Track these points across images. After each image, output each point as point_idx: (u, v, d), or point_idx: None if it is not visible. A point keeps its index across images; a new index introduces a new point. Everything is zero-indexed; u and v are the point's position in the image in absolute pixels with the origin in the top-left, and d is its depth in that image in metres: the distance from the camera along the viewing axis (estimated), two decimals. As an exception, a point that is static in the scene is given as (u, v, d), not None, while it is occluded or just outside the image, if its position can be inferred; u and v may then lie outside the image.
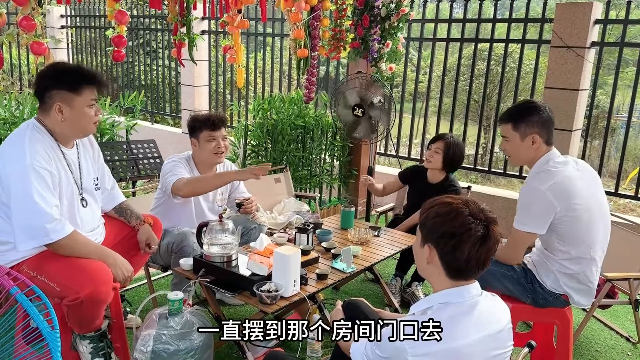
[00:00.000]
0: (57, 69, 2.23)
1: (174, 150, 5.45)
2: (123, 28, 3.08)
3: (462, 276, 1.49)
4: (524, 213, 2.22)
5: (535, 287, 2.28)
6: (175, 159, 2.91)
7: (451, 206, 1.49)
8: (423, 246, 1.53)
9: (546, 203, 2.16)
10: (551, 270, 2.26)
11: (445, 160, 3.30)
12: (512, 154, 2.35)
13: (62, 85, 2.15)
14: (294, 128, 4.38)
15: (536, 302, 2.29)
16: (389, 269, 3.67)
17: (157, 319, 2.08)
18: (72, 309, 2.11)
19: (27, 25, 2.71)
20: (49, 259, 2.14)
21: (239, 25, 3.68)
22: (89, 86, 2.20)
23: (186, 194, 2.77)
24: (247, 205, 3.03)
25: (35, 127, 2.18)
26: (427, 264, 1.52)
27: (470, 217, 1.45)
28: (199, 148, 2.92)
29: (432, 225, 1.50)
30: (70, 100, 2.16)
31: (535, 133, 2.25)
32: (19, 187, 2.03)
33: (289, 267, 2.25)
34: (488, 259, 1.48)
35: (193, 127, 2.91)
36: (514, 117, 2.29)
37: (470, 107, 5.26)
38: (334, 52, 4.48)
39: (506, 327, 1.54)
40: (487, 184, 9.57)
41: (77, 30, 8.70)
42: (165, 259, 2.83)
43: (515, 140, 2.29)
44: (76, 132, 2.27)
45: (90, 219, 2.38)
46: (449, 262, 1.47)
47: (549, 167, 2.23)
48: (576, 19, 4.04)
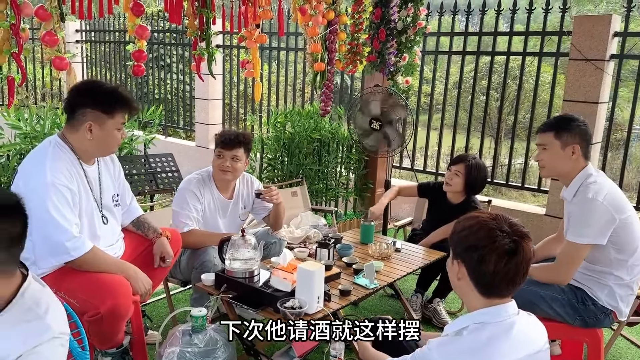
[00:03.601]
0: (95, 88, 2.23)
1: (189, 163, 5.46)
2: (143, 43, 3.09)
3: (494, 293, 1.45)
4: (581, 225, 2.18)
5: (587, 305, 2.24)
6: (190, 187, 2.85)
7: (477, 219, 1.47)
8: (453, 262, 1.51)
9: (606, 214, 2.15)
10: (606, 284, 2.24)
11: (466, 184, 3.19)
12: (548, 164, 2.32)
13: (98, 106, 2.15)
14: (310, 141, 4.36)
15: (586, 323, 2.24)
16: (408, 284, 3.62)
17: (181, 336, 2.05)
18: (92, 324, 2.09)
19: (50, 40, 2.72)
20: (68, 275, 2.13)
21: (257, 40, 3.69)
22: (122, 110, 2.21)
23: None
24: (267, 192, 2.92)
25: (57, 145, 2.18)
26: (457, 281, 1.50)
27: (495, 229, 1.42)
28: (214, 160, 2.91)
29: (458, 239, 1.48)
30: (103, 121, 2.17)
31: (576, 143, 2.25)
32: (40, 205, 2.03)
33: (313, 283, 2.21)
34: (518, 276, 1.43)
35: (215, 142, 2.92)
36: (557, 126, 2.28)
37: (486, 120, 5.23)
38: (350, 65, 4.47)
39: (544, 347, 1.50)
40: (499, 197, 9.49)
41: (92, 44, 8.80)
42: (185, 274, 2.80)
43: (555, 149, 2.27)
44: (100, 151, 2.28)
45: (110, 235, 2.37)
46: (477, 277, 1.44)
47: (594, 180, 2.23)
48: (595, 32, 4.01)
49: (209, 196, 2.91)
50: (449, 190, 3.27)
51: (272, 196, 2.92)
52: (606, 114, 4.28)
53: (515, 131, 4.89)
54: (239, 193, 3.04)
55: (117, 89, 2.25)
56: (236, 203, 3.03)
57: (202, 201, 2.88)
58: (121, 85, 2.33)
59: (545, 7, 4.30)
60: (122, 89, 2.29)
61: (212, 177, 2.95)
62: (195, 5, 3.21)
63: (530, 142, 4.88)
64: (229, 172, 2.86)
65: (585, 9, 17.08)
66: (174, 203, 2.88)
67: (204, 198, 2.88)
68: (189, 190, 2.84)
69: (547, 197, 4.41)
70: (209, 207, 2.92)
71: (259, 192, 2.94)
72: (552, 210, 4.34)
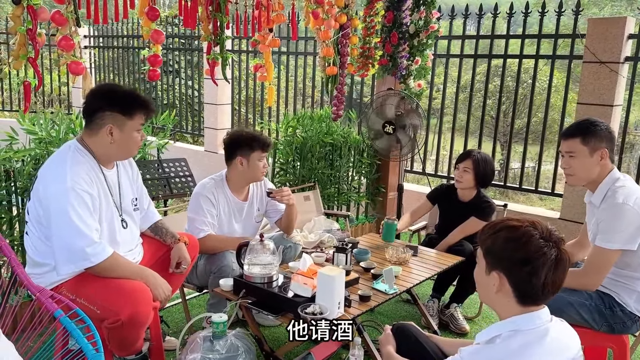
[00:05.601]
0: (112, 91, 2.24)
1: (198, 168, 5.44)
2: (159, 47, 3.08)
3: (534, 302, 1.42)
4: (611, 231, 2.13)
5: (615, 311, 2.19)
6: (203, 192, 2.83)
7: (521, 230, 1.42)
8: (489, 274, 1.45)
9: (636, 218, 2.11)
10: (634, 290, 2.20)
11: (476, 178, 3.23)
12: (577, 172, 2.26)
13: (116, 108, 2.15)
14: (322, 145, 4.34)
15: (613, 329, 2.20)
16: (424, 289, 3.58)
17: (202, 342, 2.03)
18: (112, 331, 2.07)
19: (66, 45, 2.71)
20: (87, 281, 2.12)
21: (270, 44, 3.68)
22: (141, 111, 2.20)
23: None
24: (278, 192, 2.92)
25: (77, 149, 2.17)
26: (495, 293, 1.44)
27: (542, 240, 1.39)
28: (246, 167, 2.87)
29: (501, 251, 1.42)
30: (122, 123, 2.16)
31: (604, 147, 2.20)
32: (60, 210, 2.02)
33: (334, 288, 2.19)
34: (562, 282, 1.41)
35: (248, 146, 2.84)
36: (583, 131, 2.22)
37: (498, 124, 5.20)
38: (362, 69, 4.46)
39: (578, 355, 1.47)
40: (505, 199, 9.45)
41: (100, 50, 8.82)
42: (202, 279, 2.78)
43: (584, 156, 2.22)
44: (122, 154, 2.28)
45: (129, 239, 2.35)
46: (523, 290, 1.40)
47: (622, 184, 2.19)
48: (609, 34, 3.98)
49: (223, 200, 2.90)
50: (461, 187, 3.30)
51: (283, 196, 2.92)
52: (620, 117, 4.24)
53: (528, 134, 4.84)
54: (253, 195, 3.03)
55: (134, 91, 2.27)
56: (251, 205, 3.02)
57: (217, 205, 2.87)
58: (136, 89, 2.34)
59: (558, 10, 4.27)
60: (138, 91, 2.29)
61: (226, 180, 2.94)
62: (209, 9, 3.19)
63: (543, 146, 4.85)
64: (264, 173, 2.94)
65: (590, 12, 17.07)
66: (189, 209, 2.87)
67: (218, 202, 2.87)
68: (202, 196, 2.83)
69: (562, 201, 4.37)
70: (224, 211, 2.91)
71: (270, 190, 2.95)
72: (566, 214, 4.30)
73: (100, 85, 2.38)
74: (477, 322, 3.27)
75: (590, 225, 2.31)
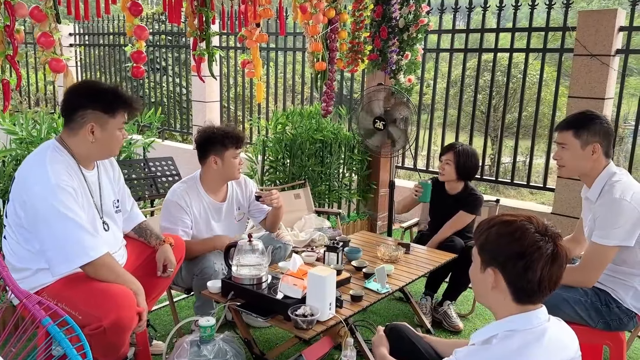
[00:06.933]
0: (94, 88, 2.14)
1: (186, 166, 5.35)
2: (142, 43, 2.99)
3: (530, 300, 1.38)
4: (608, 226, 2.10)
5: (611, 308, 2.16)
6: (174, 199, 2.72)
7: (515, 224, 1.38)
8: (484, 271, 1.41)
9: (634, 213, 2.07)
10: (631, 286, 2.17)
11: (457, 171, 3.22)
12: (568, 163, 2.24)
13: (98, 106, 2.06)
14: (312, 142, 4.28)
15: (609, 326, 2.17)
16: (417, 286, 3.54)
17: (189, 347, 1.97)
18: (95, 337, 1.98)
19: (45, 41, 2.62)
20: (69, 285, 2.04)
21: (257, 39, 3.61)
22: (124, 109, 2.12)
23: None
24: (267, 196, 2.82)
25: (56, 148, 2.08)
26: (491, 290, 1.40)
27: (537, 234, 1.35)
28: (221, 167, 2.75)
29: (495, 247, 1.38)
30: (104, 122, 2.08)
31: (596, 142, 2.17)
32: (48, 209, 1.93)
33: (325, 289, 2.13)
34: (560, 278, 1.37)
35: (220, 144, 2.73)
36: (576, 125, 2.20)
37: (489, 118, 5.16)
38: (351, 64, 4.40)
39: (577, 354, 1.43)
40: (496, 194, 9.45)
41: (86, 48, 8.69)
42: (186, 281, 2.71)
43: (575, 149, 2.19)
44: (103, 154, 2.19)
45: (112, 242, 2.27)
46: (519, 286, 1.35)
47: (619, 178, 2.15)
48: (600, 27, 3.95)
49: (197, 203, 2.78)
50: (443, 179, 3.30)
51: (273, 200, 2.83)
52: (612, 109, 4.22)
53: (519, 129, 4.81)
54: (232, 195, 2.93)
55: (117, 88, 2.17)
56: (230, 205, 2.92)
57: (190, 211, 2.74)
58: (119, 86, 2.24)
59: (548, 3, 4.24)
60: (120, 88, 2.20)
61: (200, 181, 2.82)
62: (194, 4, 3.12)
63: (534, 140, 4.83)
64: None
65: (578, 6, 17.16)
66: (162, 218, 2.76)
67: (191, 207, 2.75)
68: (173, 203, 2.72)
69: (554, 195, 4.34)
70: (199, 214, 2.79)
71: (259, 195, 2.85)
72: (559, 209, 4.28)
73: (81, 81, 2.28)
74: (471, 319, 3.23)
75: (587, 221, 2.28)
